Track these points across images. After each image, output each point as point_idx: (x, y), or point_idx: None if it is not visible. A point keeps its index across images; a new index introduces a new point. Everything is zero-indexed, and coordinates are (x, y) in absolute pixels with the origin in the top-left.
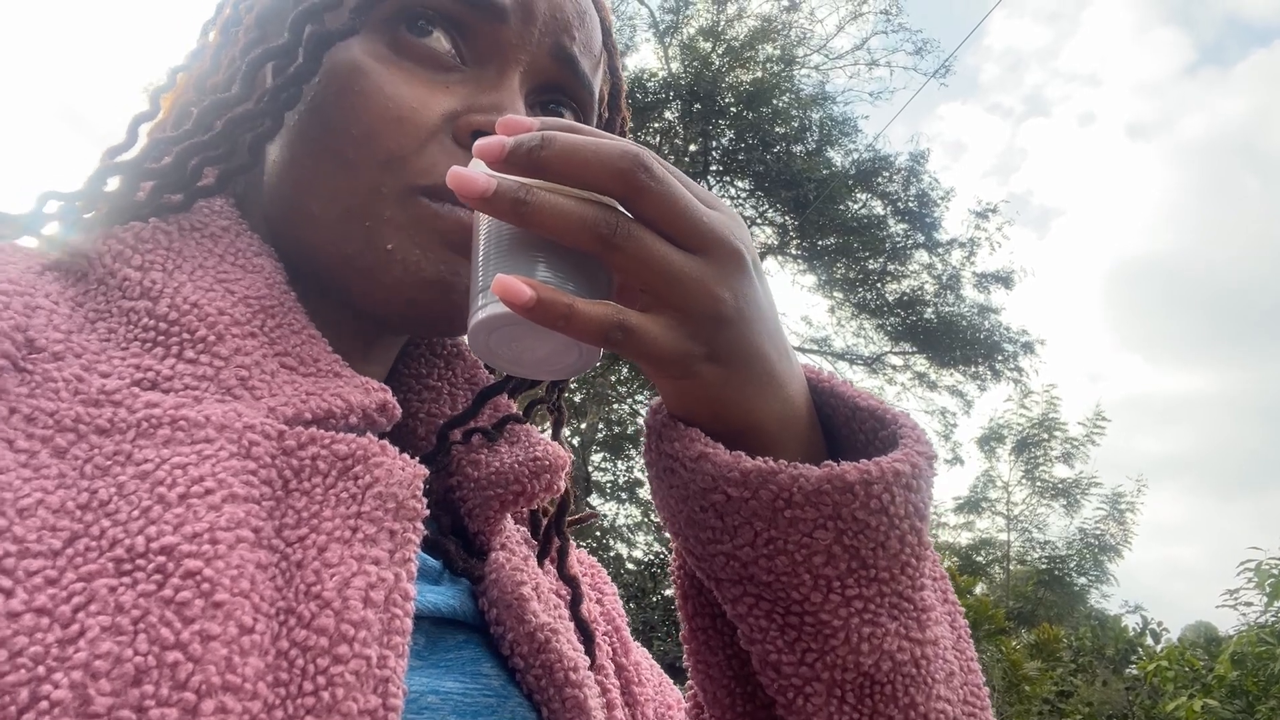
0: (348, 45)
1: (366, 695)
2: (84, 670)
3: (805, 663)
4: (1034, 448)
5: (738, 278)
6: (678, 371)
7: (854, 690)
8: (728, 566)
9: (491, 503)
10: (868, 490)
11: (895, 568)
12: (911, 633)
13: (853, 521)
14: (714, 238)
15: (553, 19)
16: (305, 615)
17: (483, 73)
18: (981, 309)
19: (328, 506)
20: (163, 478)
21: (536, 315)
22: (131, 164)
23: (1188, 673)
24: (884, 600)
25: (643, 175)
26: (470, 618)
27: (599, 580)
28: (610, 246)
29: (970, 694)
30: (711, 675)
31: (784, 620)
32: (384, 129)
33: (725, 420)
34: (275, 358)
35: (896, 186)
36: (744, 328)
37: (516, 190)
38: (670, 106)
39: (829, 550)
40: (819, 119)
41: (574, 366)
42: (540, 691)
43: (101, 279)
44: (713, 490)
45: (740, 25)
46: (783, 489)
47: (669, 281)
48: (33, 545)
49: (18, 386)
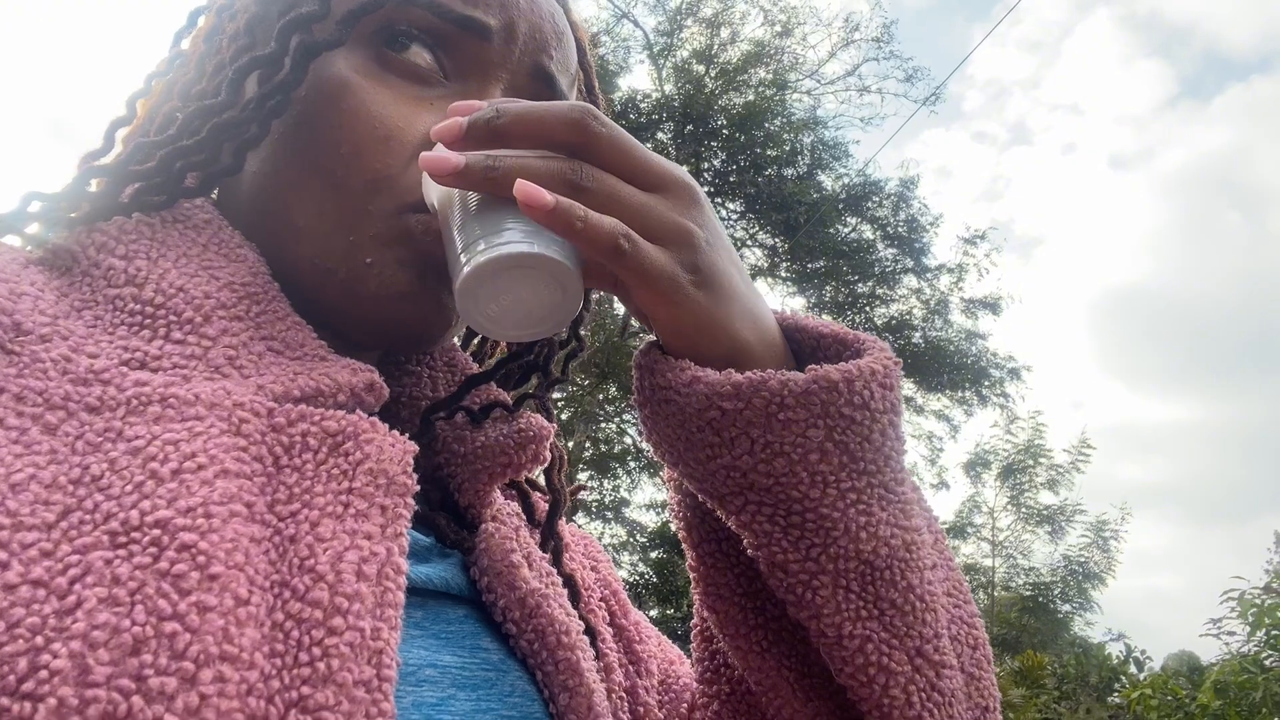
0: (333, 58)
1: (361, 666)
2: (82, 640)
3: (810, 558)
4: (1019, 474)
5: (696, 210)
6: (671, 290)
7: (857, 578)
8: (729, 479)
9: (480, 475)
10: (850, 386)
11: (880, 460)
12: (899, 521)
13: (840, 418)
14: (668, 175)
15: (532, 39)
16: (299, 588)
17: (464, 88)
18: (969, 334)
19: (319, 482)
20: (155, 453)
21: (554, 219)
22: (115, 167)
23: (1171, 701)
24: (873, 491)
25: (594, 123)
26: (463, 591)
27: (592, 550)
28: (579, 189)
29: (953, 587)
30: (722, 595)
31: (786, 520)
32: (371, 149)
33: (717, 342)
34: (261, 341)
35: (886, 211)
36: (714, 255)
37: (484, 160)
38: (663, 127)
39: (821, 447)
40: (810, 143)
41: (556, 314)
42: (534, 656)
43: (86, 270)
44: (708, 408)
45: (733, 49)
46: (774, 394)
47: (640, 216)
48: (26, 519)
49: (6, 367)
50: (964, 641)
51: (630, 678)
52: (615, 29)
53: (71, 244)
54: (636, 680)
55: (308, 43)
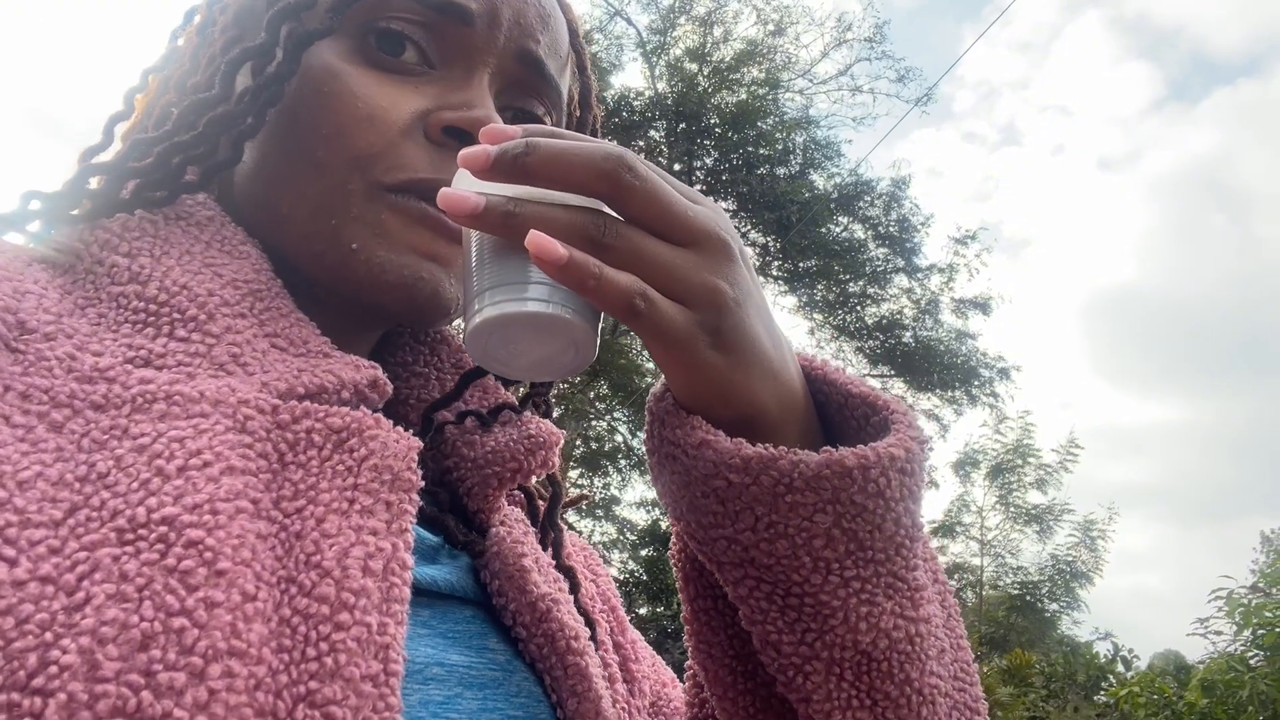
0: (319, 47)
1: (368, 661)
2: (91, 636)
3: (805, 642)
4: (1008, 473)
5: (729, 267)
6: (687, 353)
7: (852, 668)
8: (729, 550)
9: (490, 480)
10: (865, 475)
11: (891, 549)
12: (906, 611)
13: (851, 505)
14: (702, 230)
15: (516, 24)
16: (306, 584)
17: (450, 74)
18: (959, 334)
19: (324, 479)
20: (160, 451)
21: (567, 275)
22: (114, 164)
23: (1158, 700)
24: (880, 581)
25: (627, 175)
26: (470, 593)
27: (593, 562)
28: (601, 247)
29: (960, 670)
30: (713, 655)
31: (784, 601)
32: (354, 127)
33: (730, 406)
34: (265, 338)
35: (878, 211)
36: (742, 316)
37: (505, 205)
38: (656, 125)
39: (828, 533)
40: (802, 142)
41: (566, 368)
42: (543, 660)
43: (89, 268)
44: (714, 476)
45: (726, 48)
46: (783, 475)
47: (665, 274)
48: (34, 516)
49: (11, 365)
50: None
51: (626, 694)
52: (608, 26)
53: (74, 242)
54: (630, 699)
55: (299, 32)
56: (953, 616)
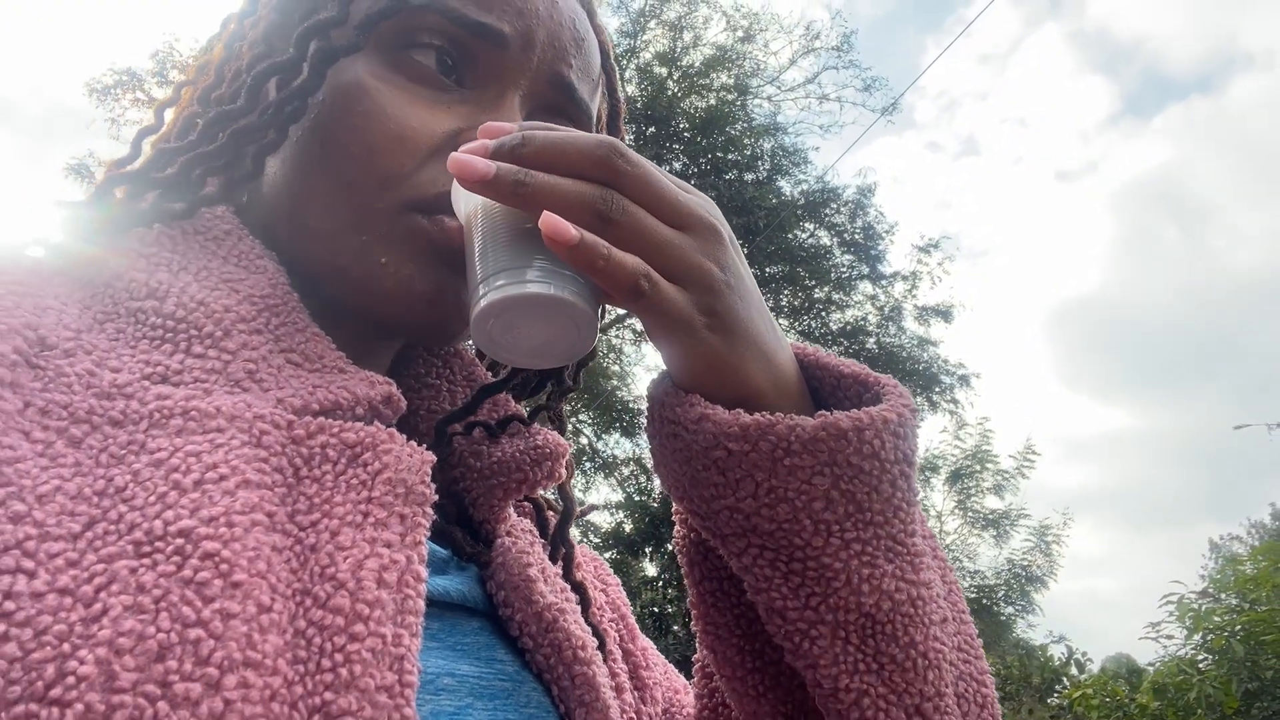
0: (351, 64)
1: (383, 672)
2: (108, 647)
3: (810, 607)
4: (967, 479)
5: (721, 250)
6: (685, 334)
7: (857, 631)
8: (731, 520)
9: (495, 491)
10: (860, 436)
11: (889, 511)
12: (906, 574)
13: (847, 466)
14: (693, 214)
15: (550, 46)
16: (321, 596)
17: (483, 94)
18: (921, 341)
19: (338, 492)
20: (177, 465)
21: (578, 255)
22: (137, 174)
23: (1110, 702)
24: (879, 543)
25: (619, 160)
26: (479, 604)
27: (602, 572)
28: (607, 220)
29: (964, 641)
30: (721, 635)
31: (787, 567)
32: (385, 147)
33: (726, 387)
34: (281, 354)
35: (844, 218)
36: (735, 298)
37: (516, 173)
38: (625, 129)
39: (827, 495)
40: (770, 148)
41: (568, 351)
42: (550, 670)
43: (108, 282)
44: (714, 448)
45: (696, 53)
46: (781, 439)
47: (664, 254)
48: (53, 529)
49: (31, 381)
50: (971, 699)
51: (635, 703)
52: None
53: (94, 255)
54: (641, 707)
55: (325, 48)
56: (954, 591)
